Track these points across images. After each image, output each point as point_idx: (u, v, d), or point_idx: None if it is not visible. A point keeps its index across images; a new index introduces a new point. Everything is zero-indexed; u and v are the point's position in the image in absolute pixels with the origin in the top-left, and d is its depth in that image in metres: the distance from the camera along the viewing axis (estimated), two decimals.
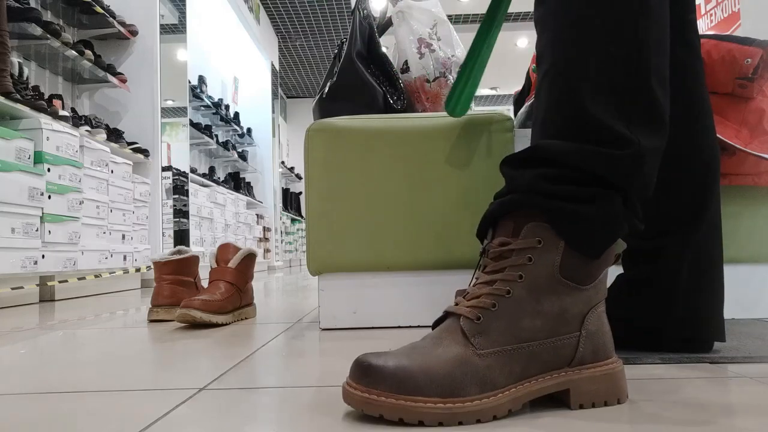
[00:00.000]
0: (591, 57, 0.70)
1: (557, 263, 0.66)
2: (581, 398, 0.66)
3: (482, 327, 0.64)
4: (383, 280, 1.39)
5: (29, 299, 2.51)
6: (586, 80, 0.69)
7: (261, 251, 6.58)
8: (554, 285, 0.66)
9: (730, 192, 1.39)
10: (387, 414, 0.60)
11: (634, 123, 0.69)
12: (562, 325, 0.66)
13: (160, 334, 1.37)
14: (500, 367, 0.63)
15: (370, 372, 0.61)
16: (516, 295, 0.65)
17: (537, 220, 0.66)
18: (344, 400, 0.63)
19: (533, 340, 0.64)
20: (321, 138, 1.40)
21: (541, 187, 0.67)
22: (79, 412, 0.70)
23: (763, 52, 1.22)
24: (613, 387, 0.67)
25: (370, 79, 1.49)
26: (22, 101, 2.60)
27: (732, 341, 1.05)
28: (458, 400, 0.60)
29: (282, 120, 9.34)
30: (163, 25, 4.10)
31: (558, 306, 0.66)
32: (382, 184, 1.38)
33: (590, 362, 0.67)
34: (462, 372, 0.61)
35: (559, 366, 0.66)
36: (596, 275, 0.68)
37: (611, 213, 0.67)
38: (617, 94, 0.69)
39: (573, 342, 0.66)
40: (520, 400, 0.64)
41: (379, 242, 1.37)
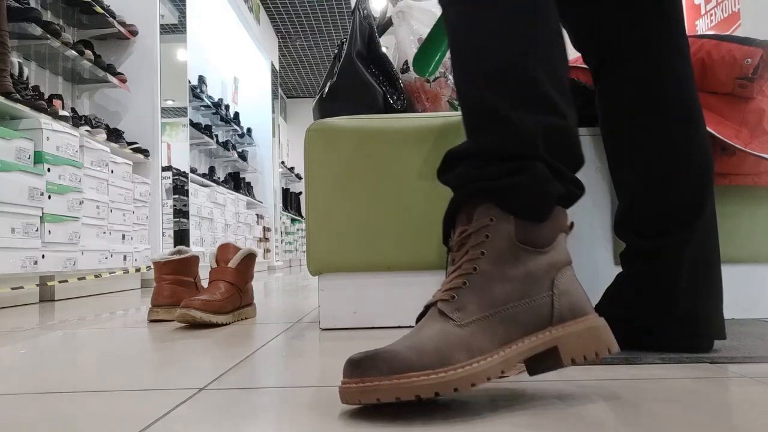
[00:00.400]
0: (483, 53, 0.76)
1: (512, 232, 0.70)
2: (571, 353, 0.68)
3: (458, 303, 0.68)
4: (383, 280, 1.39)
5: (29, 299, 2.51)
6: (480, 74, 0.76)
7: (261, 251, 6.58)
8: (515, 252, 0.70)
9: (730, 192, 1.39)
10: (383, 396, 0.61)
11: (518, 105, 0.74)
12: (532, 286, 0.69)
13: (160, 334, 1.38)
14: (482, 333, 0.66)
15: (360, 364, 0.62)
16: (482, 269, 0.69)
17: (484, 203, 0.71)
18: (342, 400, 0.64)
19: (507, 303, 0.68)
20: (321, 138, 1.40)
21: (471, 176, 0.73)
22: (79, 412, 0.70)
23: (763, 52, 1.22)
24: (599, 339, 0.70)
25: (370, 79, 1.49)
26: (22, 101, 2.60)
27: (732, 341, 1.05)
28: (450, 368, 0.62)
29: (282, 120, 9.35)
30: (163, 25, 4.10)
31: (523, 269, 0.70)
32: (382, 184, 1.38)
33: (570, 319, 0.70)
34: (447, 343, 0.64)
35: (541, 326, 0.69)
36: (552, 238, 0.72)
37: (538, 177, 0.72)
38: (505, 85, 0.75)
39: (547, 301, 0.69)
40: (511, 362, 0.66)
41: (379, 242, 1.37)
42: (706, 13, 3.24)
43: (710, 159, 0.98)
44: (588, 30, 1.06)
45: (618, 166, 1.04)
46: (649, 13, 1.00)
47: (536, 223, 0.71)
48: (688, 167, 0.97)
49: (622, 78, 1.02)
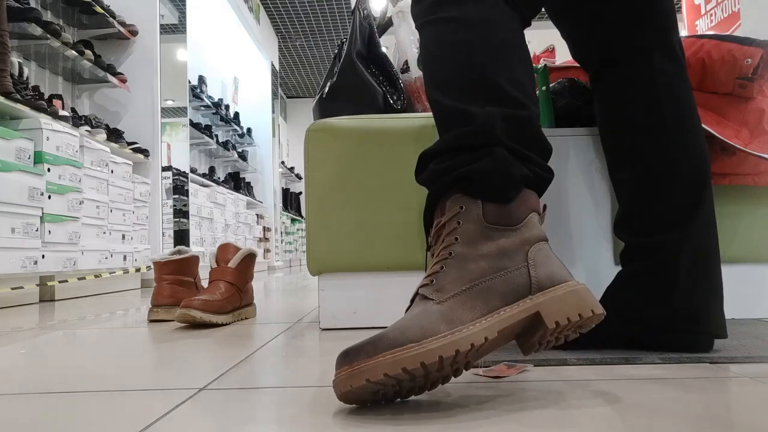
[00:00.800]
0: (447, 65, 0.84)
1: (481, 215, 0.74)
2: (553, 316, 0.69)
3: (437, 285, 0.70)
4: (383, 280, 1.39)
5: (29, 299, 2.51)
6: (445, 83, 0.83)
7: (261, 251, 6.58)
8: (486, 232, 0.73)
9: (730, 192, 1.39)
10: (371, 375, 0.62)
11: (475, 101, 0.79)
12: (506, 260, 0.72)
13: (160, 334, 1.38)
14: (461, 306, 0.68)
15: (347, 353, 0.64)
16: (457, 252, 0.72)
17: (454, 195, 0.76)
18: (336, 394, 0.65)
19: (483, 277, 0.70)
20: (321, 138, 1.40)
21: (439, 171, 0.77)
22: (79, 412, 0.70)
23: (763, 52, 1.22)
24: (582, 301, 0.71)
25: (370, 79, 1.49)
26: (22, 101, 2.60)
27: (732, 341, 1.05)
28: (432, 339, 0.64)
29: (282, 120, 9.34)
30: (163, 25, 4.10)
31: (495, 246, 0.72)
32: (382, 184, 1.38)
33: (549, 286, 0.71)
34: (428, 319, 0.66)
35: (521, 295, 0.70)
36: (522, 216, 0.75)
37: (499, 160, 0.75)
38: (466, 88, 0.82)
39: (523, 271, 0.71)
40: (494, 328, 0.67)
41: (379, 242, 1.37)
42: (706, 13, 3.24)
43: (707, 158, 0.99)
44: (588, 32, 1.07)
45: (618, 167, 1.05)
46: (642, 14, 1.02)
47: (504, 204, 0.74)
48: (686, 167, 0.97)
49: (622, 79, 1.03)
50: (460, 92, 0.81)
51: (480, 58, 0.82)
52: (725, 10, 3.03)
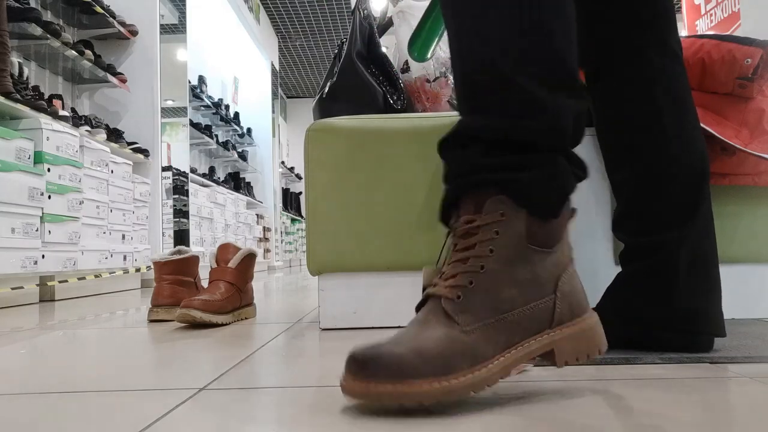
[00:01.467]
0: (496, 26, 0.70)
1: (523, 232, 0.69)
2: (565, 356, 0.69)
3: (463, 305, 0.66)
4: (383, 280, 1.39)
5: (29, 299, 2.51)
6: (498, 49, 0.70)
7: (261, 251, 6.58)
8: (524, 252, 0.69)
9: (730, 192, 1.39)
10: (387, 401, 0.61)
11: (546, 85, 0.70)
12: (537, 289, 0.69)
13: (160, 334, 1.38)
14: (486, 340, 0.65)
15: (366, 364, 0.62)
16: (489, 268, 0.67)
17: (495, 195, 0.68)
18: (344, 393, 0.64)
19: (512, 309, 0.67)
20: (321, 138, 1.40)
21: (486, 163, 0.69)
22: (79, 412, 0.70)
23: (763, 52, 1.22)
24: (592, 340, 0.71)
25: (370, 79, 1.49)
26: (22, 101, 2.60)
27: (732, 341, 1.05)
28: (452, 377, 0.63)
29: (282, 120, 9.34)
30: (163, 25, 4.10)
31: (530, 272, 0.69)
32: (382, 184, 1.38)
33: (568, 320, 0.70)
34: (452, 350, 0.64)
35: (540, 329, 0.69)
36: (559, 235, 0.71)
37: (559, 172, 0.70)
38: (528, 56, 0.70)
39: (549, 305, 0.69)
40: (509, 368, 0.67)
41: (379, 242, 1.37)
42: (706, 13, 3.24)
43: (706, 157, 0.99)
44: (587, 31, 1.07)
45: (616, 166, 1.05)
46: (641, 14, 1.01)
47: (548, 220, 0.70)
48: (685, 166, 0.97)
49: (621, 78, 1.03)
50: (525, 63, 0.69)
51: (554, 23, 0.70)
52: (725, 10, 3.03)
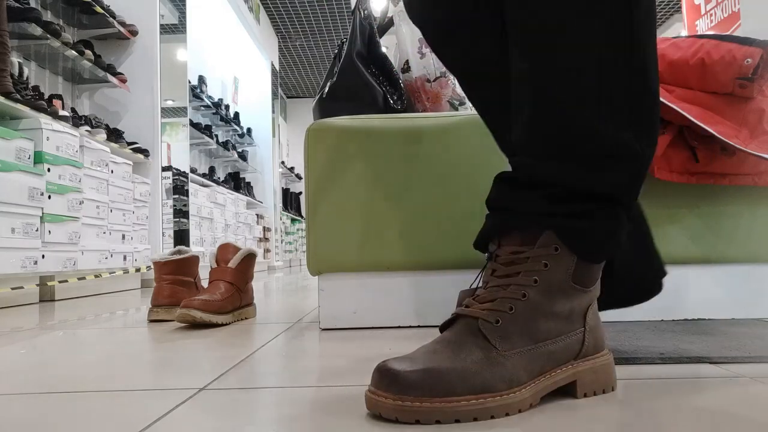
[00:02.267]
0: (584, 60, 0.66)
1: (571, 270, 0.70)
2: (585, 388, 0.71)
3: (502, 330, 0.67)
4: (383, 280, 1.39)
5: (29, 299, 2.51)
6: (583, 89, 0.67)
7: (261, 251, 6.58)
8: (566, 289, 0.70)
9: (730, 192, 1.39)
10: (423, 418, 0.60)
11: (639, 131, 0.68)
12: (570, 323, 0.71)
13: (160, 334, 1.37)
14: (522, 366, 0.66)
15: (398, 379, 0.61)
16: (531, 298, 0.68)
17: (547, 231, 0.69)
18: (370, 408, 0.63)
19: (548, 339, 0.68)
20: (321, 138, 1.40)
21: (547, 208, 0.69)
22: (79, 412, 0.70)
23: (763, 52, 1.22)
24: (609, 376, 0.74)
25: (370, 79, 1.49)
26: (22, 101, 2.60)
27: (732, 341, 1.05)
28: (489, 396, 0.63)
29: (282, 120, 9.34)
30: (163, 25, 4.09)
31: (568, 308, 0.70)
32: (382, 184, 1.38)
33: (592, 354, 0.72)
34: (491, 372, 0.64)
35: (568, 359, 0.70)
36: (597, 276, 0.74)
37: (616, 226, 0.71)
38: (620, 101, 0.67)
39: (579, 338, 0.71)
40: (539, 394, 0.68)
41: (379, 242, 1.37)
42: (706, 13, 3.24)
43: None
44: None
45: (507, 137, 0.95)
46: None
47: (594, 264, 0.71)
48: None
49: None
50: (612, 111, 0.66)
51: (646, 61, 0.67)
52: (725, 10, 3.03)
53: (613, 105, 0.67)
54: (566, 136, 0.68)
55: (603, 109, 0.67)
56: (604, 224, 0.70)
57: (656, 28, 0.70)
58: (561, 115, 0.68)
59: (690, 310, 1.39)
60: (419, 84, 1.57)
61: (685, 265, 1.38)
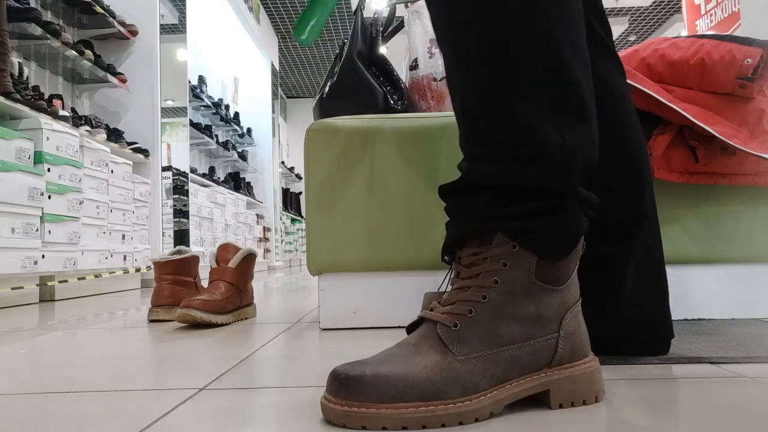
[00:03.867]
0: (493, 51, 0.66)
1: (533, 267, 0.66)
2: (561, 398, 0.66)
3: (460, 334, 0.64)
4: (383, 280, 1.39)
5: (29, 299, 2.51)
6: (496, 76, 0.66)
7: (261, 251, 6.58)
8: (529, 288, 0.66)
9: (730, 192, 1.39)
10: (369, 424, 0.59)
11: (558, 120, 0.66)
12: (540, 327, 0.66)
13: (160, 334, 1.37)
14: (481, 372, 0.63)
15: (348, 384, 0.60)
16: (492, 300, 0.65)
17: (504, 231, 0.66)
18: (324, 416, 0.62)
19: (512, 344, 0.65)
20: (321, 138, 1.40)
21: (493, 212, 0.67)
22: (79, 412, 0.70)
23: (763, 52, 1.22)
24: (591, 385, 0.68)
25: (370, 79, 1.49)
26: (22, 101, 2.60)
27: (732, 341, 1.05)
28: (440, 403, 0.60)
29: (282, 120, 9.34)
30: (163, 25, 4.10)
31: (534, 309, 0.66)
32: (382, 184, 1.38)
33: (568, 362, 0.67)
34: (442, 378, 0.61)
35: (538, 367, 0.66)
36: (568, 274, 0.69)
37: (570, 218, 0.67)
38: (533, 87, 0.65)
39: (552, 344, 0.67)
40: (502, 403, 0.64)
41: (379, 242, 1.37)
42: (706, 13, 3.24)
43: (645, 159, 0.94)
44: None
45: None
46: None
47: (558, 261, 0.67)
48: (622, 172, 0.93)
49: None
50: (533, 95, 0.65)
51: (558, 38, 0.65)
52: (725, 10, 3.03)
53: (527, 96, 0.65)
54: (490, 132, 0.68)
55: (517, 98, 0.65)
56: (553, 219, 0.66)
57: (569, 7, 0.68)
58: (480, 108, 0.68)
59: (690, 310, 1.39)
60: (425, 82, 1.58)
61: (685, 265, 1.38)
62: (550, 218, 0.66)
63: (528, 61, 0.65)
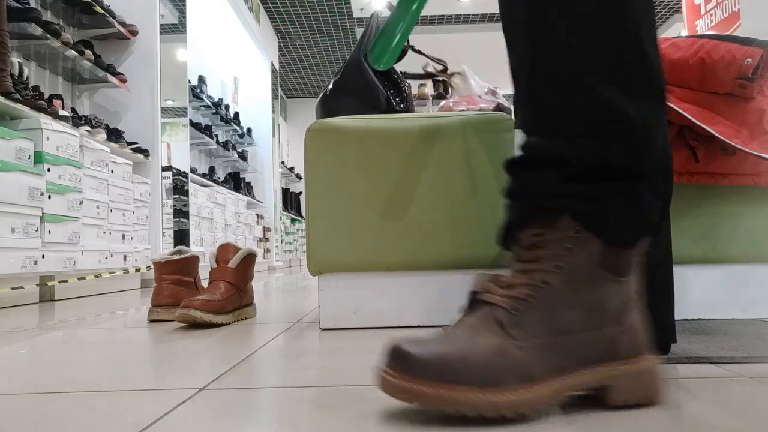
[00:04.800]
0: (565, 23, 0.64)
1: (596, 253, 0.64)
2: (619, 395, 0.64)
3: (519, 319, 0.62)
4: (383, 280, 1.39)
5: (29, 299, 2.51)
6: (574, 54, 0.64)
7: (261, 251, 6.58)
8: (593, 276, 0.64)
9: (730, 192, 1.39)
10: (425, 403, 0.59)
11: (636, 96, 0.64)
12: (600, 318, 0.64)
13: (160, 334, 1.37)
14: (539, 360, 0.61)
15: (407, 359, 0.59)
16: (554, 285, 0.63)
17: (566, 213, 0.64)
18: (379, 387, 0.62)
19: (571, 333, 0.63)
20: (321, 138, 1.40)
21: (560, 190, 0.65)
22: (79, 412, 0.70)
23: (763, 52, 1.22)
24: (650, 387, 0.66)
25: (374, 79, 1.49)
26: (22, 101, 2.60)
27: (732, 341, 1.05)
28: (497, 390, 0.59)
29: (282, 120, 9.34)
30: (163, 25, 4.10)
31: (596, 298, 0.64)
32: (382, 184, 1.38)
33: (628, 357, 0.65)
34: (501, 363, 0.60)
35: (597, 360, 0.64)
36: (632, 265, 0.67)
37: (641, 202, 0.65)
38: (614, 69, 0.64)
39: (612, 337, 0.65)
40: (559, 393, 0.63)
41: (379, 242, 1.37)
42: (706, 13, 3.24)
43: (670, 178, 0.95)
44: None
45: None
46: None
47: (625, 249, 0.65)
48: None
49: None
50: (611, 75, 0.63)
51: (634, 19, 0.63)
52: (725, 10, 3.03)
53: (607, 73, 0.64)
54: (565, 107, 0.65)
55: (597, 78, 0.64)
56: (624, 201, 0.64)
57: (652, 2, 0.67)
58: (557, 86, 0.65)
59: (690, 310, 1.39)
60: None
61: (685, 265, 1.38)
62: (622, 200, 0.64)
63: (610, 39, 0.63)
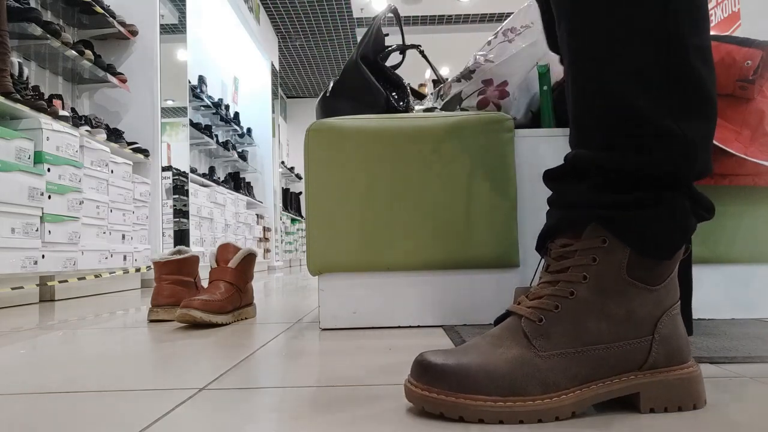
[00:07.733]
0: (616, 39, 0.63)
1: (624, 263, 0.63)
2: (651, 402, 0.63)
3: (544, 329, 0.62)
4: (383, 280, 1.39)
5: (29, 299, 2.51)
6: (614, 67, 0.63)
7: (261, 251, 6.58)
8: (621, 286, 0.63)
9: (730, 192, 1.39)
10: (447, 412, 0.60)
11: (677, 111, 0.63)
12: (632, 328, 0.63)
13: (160, 334, 1.37)
14: (563, 370, 0.61)
15: (429, 370, 0.61)
16: (580, 296, 0.63)
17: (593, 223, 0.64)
18: (406, 397, 0.64)
19: (599, 344, 0.62)
20: (321, 138, 1.40)
21: (591, 197, 0.64)
22: (79, 412, 0.70)
23: (763, 53, 1.22)
24: (688, 394, 0.64)
25: (373, 80, 1.49)
26: (22, 101, 2.60)
27: (732, 341, 1.05)
28: (519, 399, 0.59)
29: (282, 120, 9.34)
30: (163, 25, 4.10)
31: (625, 308, 0.63)
32: (382, 184, 1.38)
33: (663, 366, 0.64)
34: (523, 373, 0.60)
35: (628, 369, 0.63)
36: (666, 274, 0.65)
37: (678, 214, 0.64)
38: (653, 79, 0.63)
39: (645, 346, 0.63)
40: (585, 403, 0.62)
41: (379, 242, 1.37)
42: None
43: None
44: None
45: None
46: None
47: (655, 258, 0.63)
48: None
49: None
50: (654, 85, 0.62)
51: (686, 26, 0.62)
52: (725, 10, 3.03)
53: (651, 84, 0.63)
54: (605, 118, 0.65)
55: (640, 89, 0.63)
56: (655, 211, 0.63)
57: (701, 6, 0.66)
58: (599, 97, 0.65)
59: None
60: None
61: None
62: (654, 210, 0.63)
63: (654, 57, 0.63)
